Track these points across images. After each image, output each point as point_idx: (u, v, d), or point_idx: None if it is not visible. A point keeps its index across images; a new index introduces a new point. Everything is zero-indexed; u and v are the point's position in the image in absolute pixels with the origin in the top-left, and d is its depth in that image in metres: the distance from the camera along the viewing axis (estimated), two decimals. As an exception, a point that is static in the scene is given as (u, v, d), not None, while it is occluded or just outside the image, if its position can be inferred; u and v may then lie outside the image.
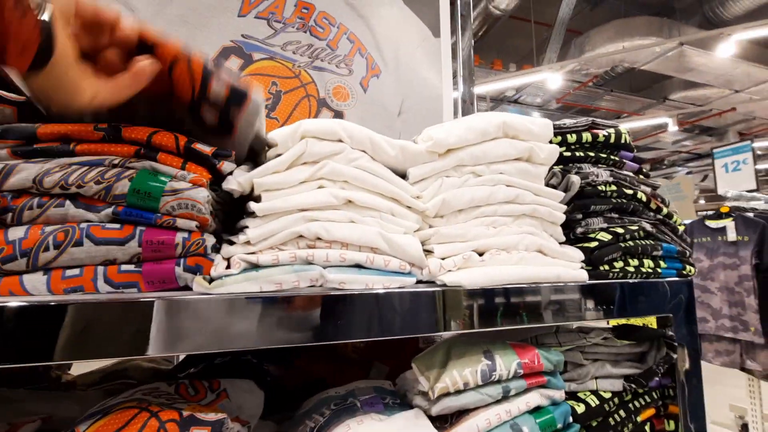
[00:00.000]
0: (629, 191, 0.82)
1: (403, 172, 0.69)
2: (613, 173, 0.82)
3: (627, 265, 0.76)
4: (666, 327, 0.79)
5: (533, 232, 0.72)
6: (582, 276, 0.71)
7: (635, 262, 0.77)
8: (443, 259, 0.64)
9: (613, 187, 0.81)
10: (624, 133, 0.88)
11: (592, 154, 0.85)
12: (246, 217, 0.60)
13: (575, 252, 0.74)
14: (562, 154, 0.83)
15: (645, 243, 0.79)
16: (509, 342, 0.73)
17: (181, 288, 0.53)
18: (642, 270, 0.77)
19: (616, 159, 0.87)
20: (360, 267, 0.59)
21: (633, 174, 0.89)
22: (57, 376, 1.01)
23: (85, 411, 0.57)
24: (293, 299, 0.53)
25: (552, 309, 0.67)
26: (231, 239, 0.58)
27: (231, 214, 0.66)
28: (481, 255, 0.67)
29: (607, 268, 0.75)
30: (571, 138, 0.85)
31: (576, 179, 0.78)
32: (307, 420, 0.71)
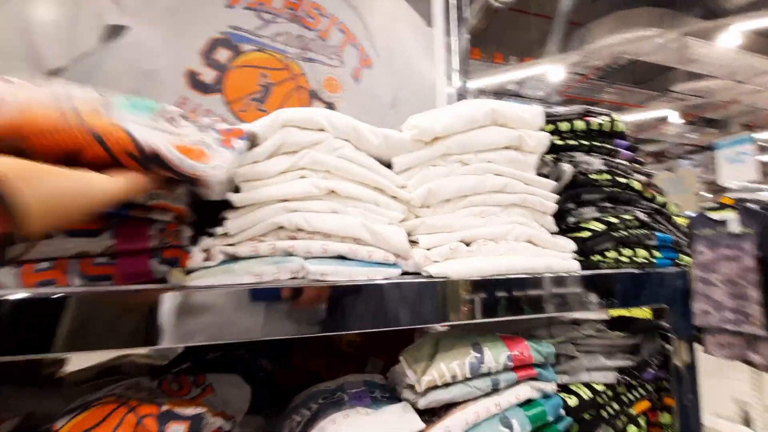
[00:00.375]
0: (623, 180, 0.80)
1: (389, 161, 0.67)
2: (607, 162, 0.80)
3: (620, 255, 0.75)
4: (661, 318, 0.78)
5: (523, 222, 0.70)
6: (573, 266, 0.70)
7: (628, 251, 0.76)
8: (429, 250, 0.62)
9: (607, 176, 0.79)
10: (618, 121, 0.86)
11: (585, 142, 0.83)
12: (226, 209, 0.59)
13: (566, 242, 0.72)
14: (554, 142, 0.81)
15: (639, 232, 0.77)
16: (500, 334, 0.72)
17: (158, 281, 0.52)
18: (635, 260, 0.75)
19: (610, 147, 0.85)
20: (343, 258, 0.58)
21: (628, 162, 0.87)
22: (50, 372, 1.01)
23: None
24: (298, 290, 0.52)
25: (541, 300, 0.65)
26: (210, 231, 0.57)
27: (216, 206, 0.65)
28: (469, 245, 0.66)
29: (600, 258, 0.73)
30: (564, 126, 0.83)
31: (568, 168, 0.76)
32: (295, 415, 0.70)
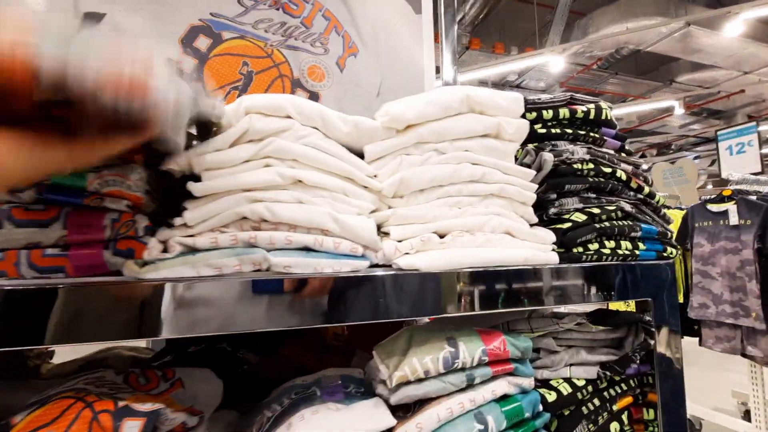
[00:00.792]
0: (608, 169, 0.78)
1: (360, 150, 0.65)
2: (591, 150, 0.78)
3: (602, 247, 0.72)
4: (645, 311, 0.76)
5: (501, 212, 0.68)
6: (552, 259, 0.67)
7: (611, 243, 0.73)
8: (400, 242, 0.60)
9: (590, 165, 0.76)
10: (605, 109, 0.83)
11: (569, 131, 0.80)
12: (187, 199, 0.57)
13: (546, 233, 0.70)
14: (536, 131, 0.79)
15: (623, 224, 0.75)
16: (477, 328, 0.70)
17: (112, 273, 0.50)
18: (619, 252, 0.73)
19: (596, 136, 0.82)
20: (308, 250, 0.56)
21: (614, 152, 0.84)
22: (35, 365, 1.00)
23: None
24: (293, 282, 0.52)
25: (518, 294, 0.63)
26: (170, 222, 0.55)
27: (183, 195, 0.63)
28: (443, 237, 0.63)
29: (581, 250, 0.71)
30: (547, 114, 0.80)
31: (548, 157, 0.73)
32: (266, 410, 0.69)
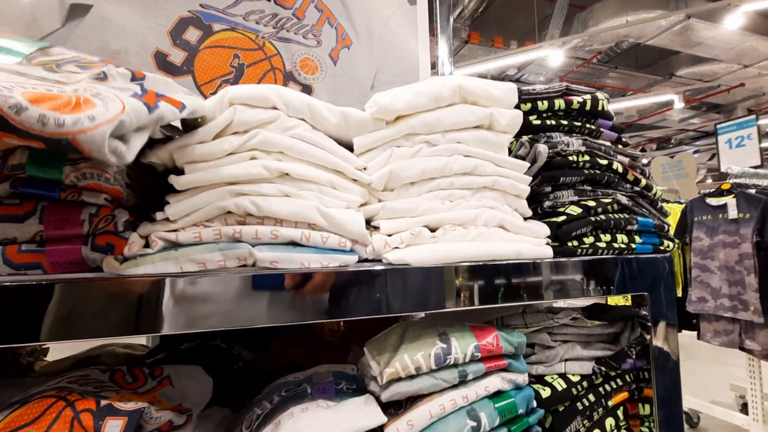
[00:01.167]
0: (604, 161, 0.76)
1: (350, 142, 0.63)
2: (587, 142, 0.76)
3: (598, 241, 0.71)
4: (641, 306, 0.74)
5: (494, 206, 0.66)
6: (546, 252, 0.66)
7: (607, 237, 0.72)
8: (390, 236, 0.59)
9: (586, 157, 0.75)
10: (601, 100, 0.82)
11: (565, 122, 0.79)
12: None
13: (540, 227, 0.69)
14: (531, 122, 0.77)
15: (619, 217, 0.73)
16: (470, 324, 0.68)
17: (92, 269, 0.49)
18: (614, 245, 0.72)
19: (592, 127, 0.81)
20: (295, 245, 0.54)
21: (611, 143, 0.83)
22: (28, 362, 0.99)
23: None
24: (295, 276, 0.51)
25: (511, 288, 0.62)
26: (152, 216, 0.53)
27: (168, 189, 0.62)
28: (435, 231, 0.62)
29: (576, 243, 0.69)
30: (542, 105, 0.78)
31: (543, 148, 0.72)
32: (256, 407, 0.68)
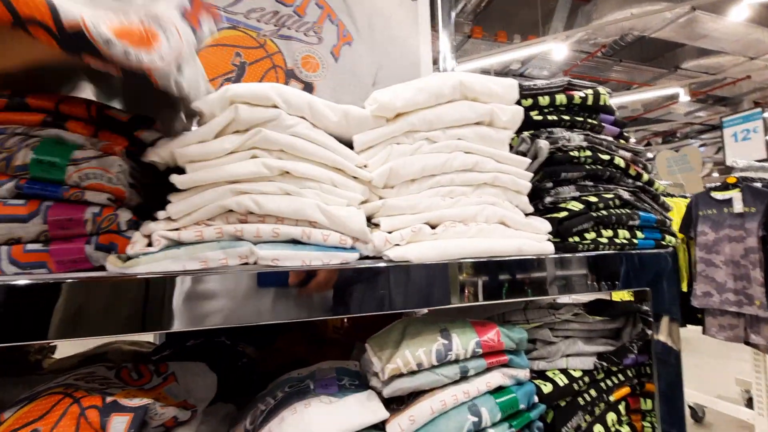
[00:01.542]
0: (605, 157, 0.76)
1: (350, 140, 0.63)
2: (588, 137, 0.76)
3: (599, 236, 0.71)
4: (643, 301, 0.74)
5: (495, 202, 0.66)
6: (547, 248, 0.66)
7: (609, 232, 0.72)
8: (390, 233, 0.59)
9: (588, 153, 0.75)
10: (603, 95, 0.81)
11: (567, 117, 0.79)
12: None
13: (542, 223, 0.69)
14: (532, 118, 0.77)
15: (620, 212, 0.73)
16: (471, 320, 0.69)
17: (96, 268, 0.49)
18: (616, 241, 0.72)
19: (594, 123, 0.81)
20: (296, 242, 0.55)
21: (613, 138, 0.82)
22: (36, 360, 1.00)
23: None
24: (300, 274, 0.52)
25: (512, 284, 0.62)
26: (154, 215, 0.54)
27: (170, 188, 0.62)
28: (435, 228, 0.62)
29: (577, 239, 0.69)
30: (544, 100, 0.78)
31: (544, 144, 0.71)
32: (260, 403, 0.69)
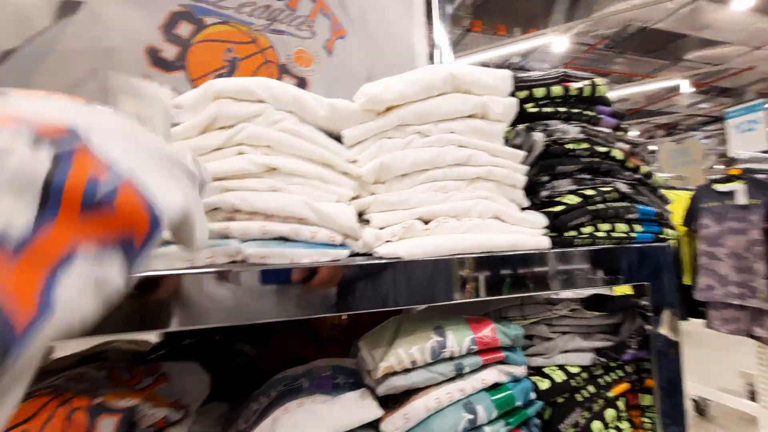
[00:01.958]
0: (603, 149, 0.75)
1: (339, 135, 0.62)
2: (585, 129, 0.74)
3: (597, 230, 0.69)
4: (642, 296, 0.73)
5: (489, 196, 0.65)
6: (543, 243, 0.65)
7: (606, 226, 0.70)
8: (382, 229, 0.58)
9: (584, 145, 0.73)
10: (601, 86, 0.80)
11: (563, 109, 0.77)
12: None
13: (537, 217, 0.67)
14: (527, 110, 0.76)
15: (618, 205, 0.72)
16: (466, 317, 0.68)
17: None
18: (614, 235, 0.70)
19: (591, 114, 0.79)
20: (285, 240, 0.54)
21: (610, 130, 0.81)
22: None
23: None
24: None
25: (507, 280, 0.61)
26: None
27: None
28: (428, 223, 0.61)
29: (574, 233, 0.68)
30: (539, 92, 0.76)
31: (539, 137, 0.70)
32: (253, 402, 0.68)
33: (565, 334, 0.73)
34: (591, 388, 0.70)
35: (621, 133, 0.82)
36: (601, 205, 0.71)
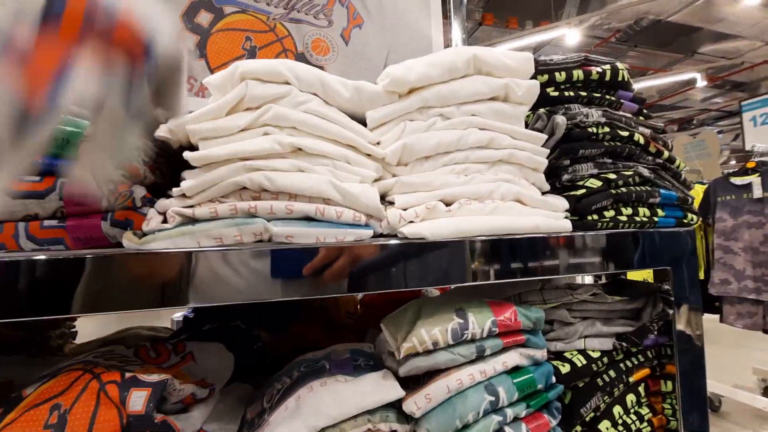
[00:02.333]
0: (625, 133, 0.74)
1: (363, 116, 0.62)
2: (606, 113, 0.74)
3: (619, 214, 0.69)
4: (664, 281, 0.72)
5: (510, 179, 0.65)
6: (565, 226, 0.65)
7: (628, 210, 0.70)
8: (405, 210, 0.58)
9: (606, 129, 0.73)
10: (622, 70, 0.79)
11: (584, 93, 0.77)
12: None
13: (559, 201, 0.67)
14: (548, 94, 0.75)
15: (640, 189, 0.71)
16: (487, 300, 0.68)
17: (113, 245, 0.50)
18: (636, 219, 0.70)
19: (612, 99, 0.78)
20: (310, 219, 0.54)
21: (632, 115, 0.80)
22: (58, 345, 1.02)
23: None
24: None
25: (528, 263, 0.61)
26: (168, 192, 0.54)
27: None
28: (450, 205, 0.61)
29: (596, 217, 0.68)
30: (560, 76, 0.76)
31: (561, 120, 0.70)
32: (276, 383, 0.69)
33: (586, 319, 0.73)
34: (611, 372, 0.70)
35: (642, 119, 0.81)
36: (623, 189, 0.70)
